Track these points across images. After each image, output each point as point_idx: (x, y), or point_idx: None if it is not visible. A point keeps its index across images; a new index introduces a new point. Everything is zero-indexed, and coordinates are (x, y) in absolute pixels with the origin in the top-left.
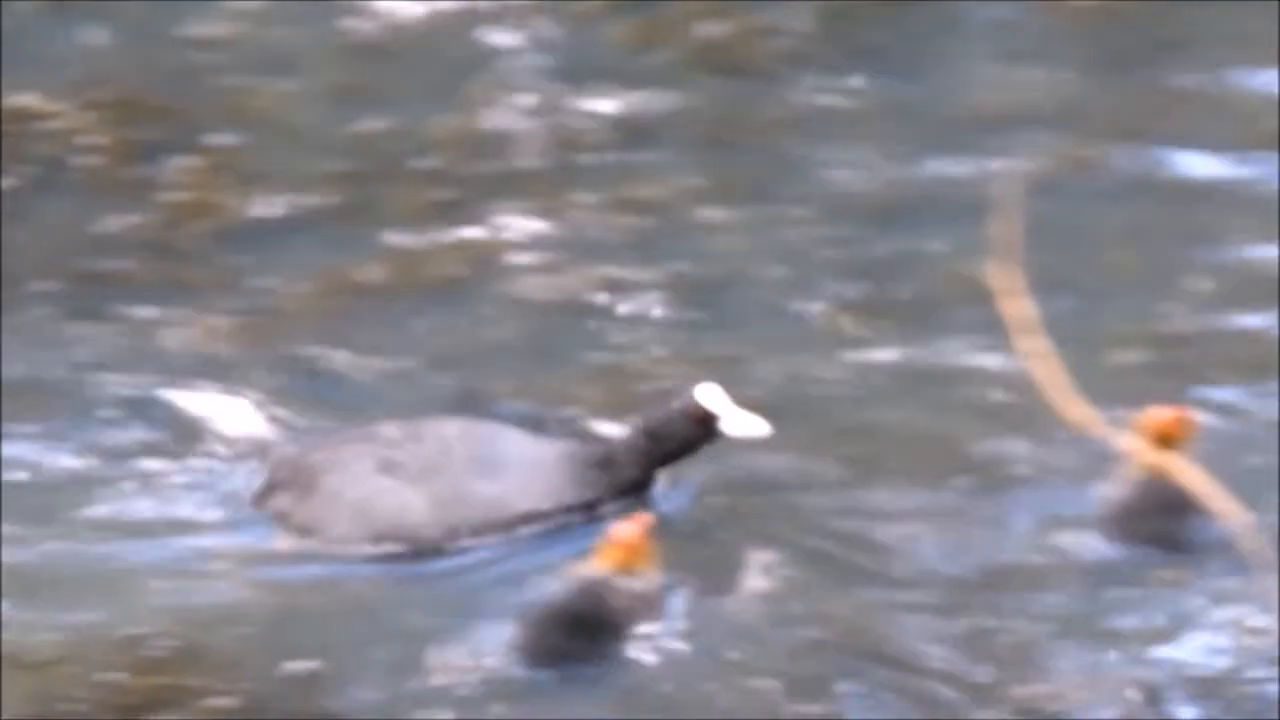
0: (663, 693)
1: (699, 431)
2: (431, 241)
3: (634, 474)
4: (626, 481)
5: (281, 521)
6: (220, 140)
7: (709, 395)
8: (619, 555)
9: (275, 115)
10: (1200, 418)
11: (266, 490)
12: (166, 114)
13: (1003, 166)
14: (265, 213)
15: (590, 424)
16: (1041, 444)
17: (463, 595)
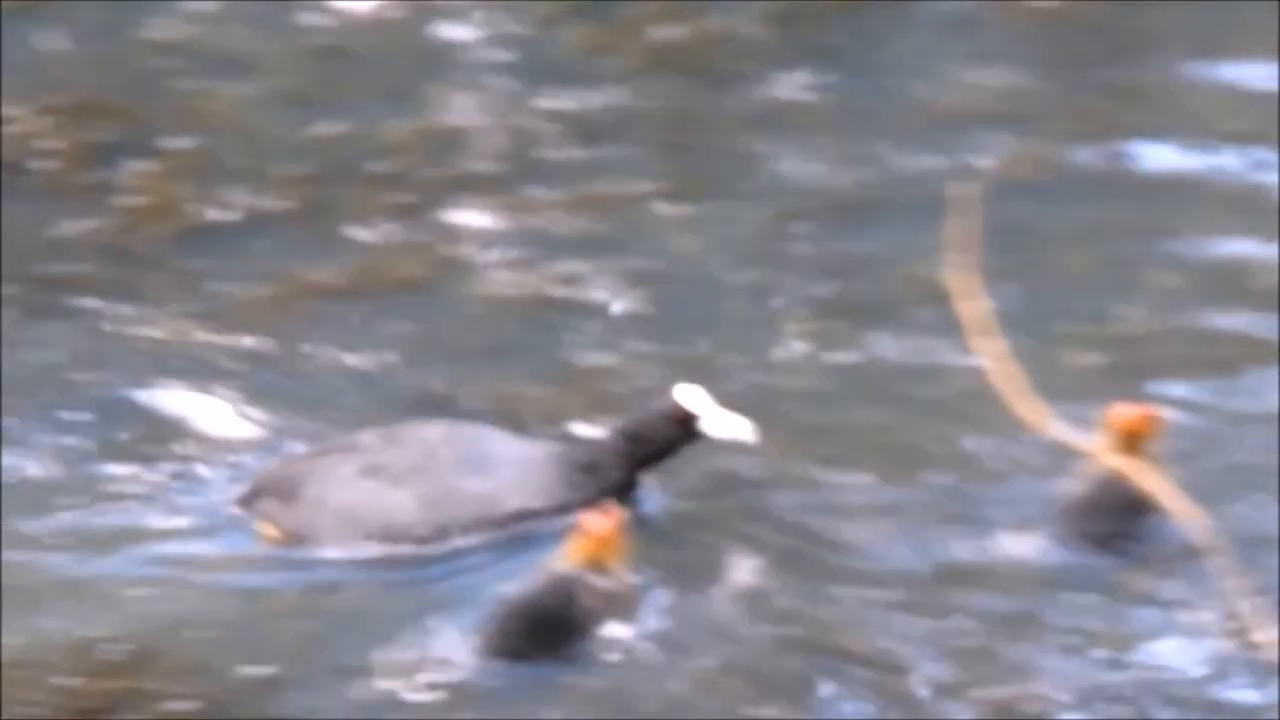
0: (632, 692)
1: (679, 433)
2: (391, 243)
3: (618, 476)
4: (612, 483)
5: (266, 529)
6: (177, 143)
7: (689, 396)
8: (590, 548)
9: (233, 118)
10: (1165, 415)
11: (249, 499)
12: (123, 117)
13: (960, 166)
14: (223, 216)
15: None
16: (1006, 442)
17: (428, 598)
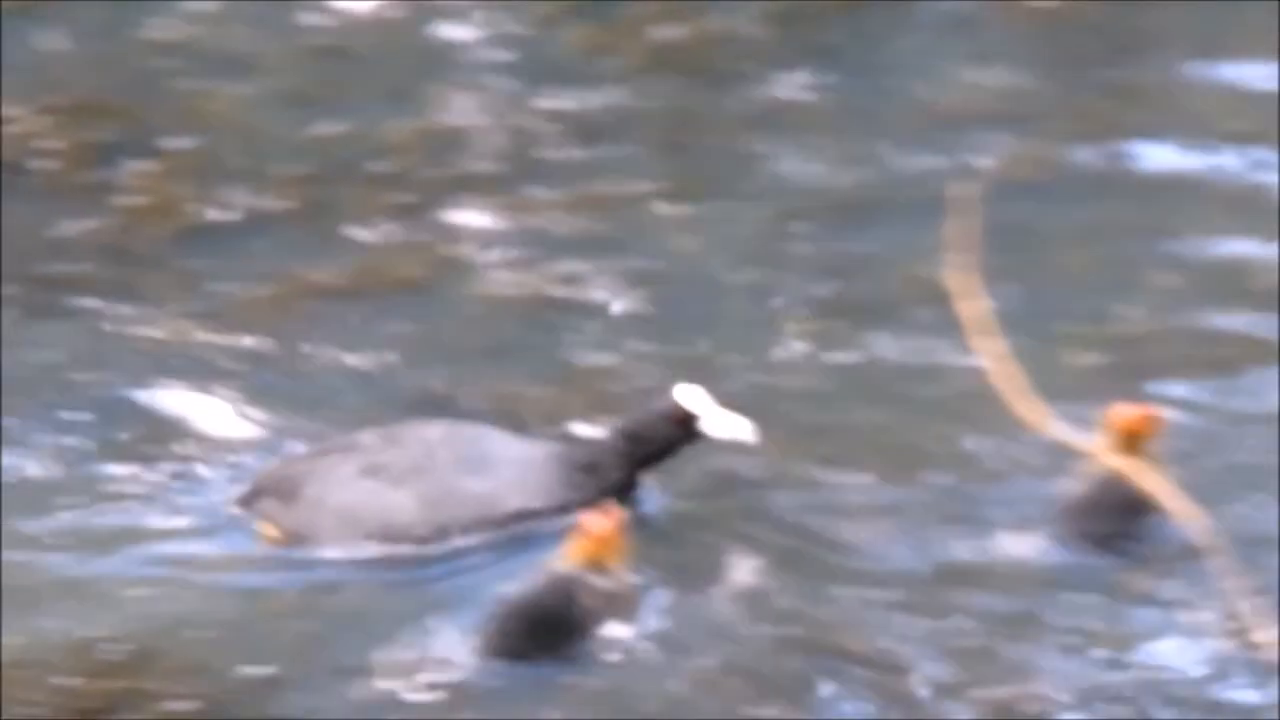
0: (631, 692)
1: (679, 433)
2: (390, 243)
3: (618, 476)
4: (612, 483)
5: (266, 528)
6: (177, 143)
7: (689, 396)
8: (590, 548)
9: (232, 118)
10: (1165, 415)
11: (249, 499)
12: (123, 117)
13: (960, 166)
14: (223, 216)
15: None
16: (1006, 442)
17: (428, 598)
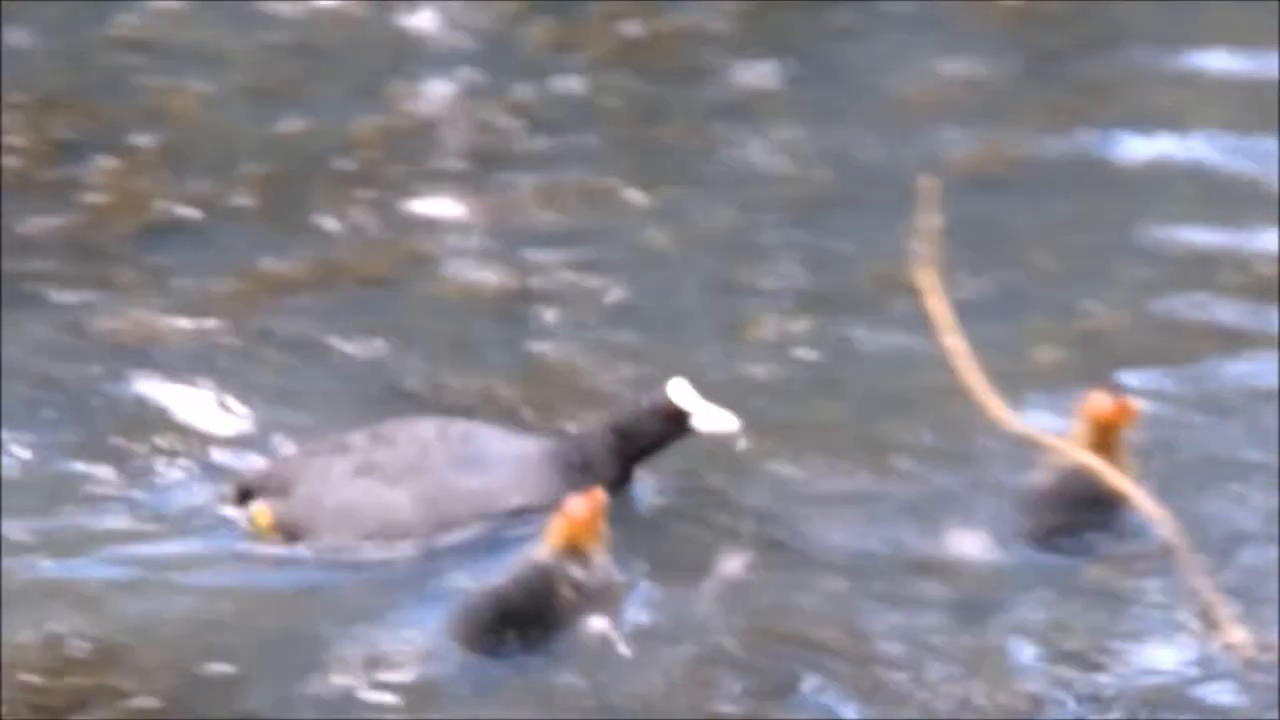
0: (604, 685)
1: (670, 428)
2: (357, 238)
3: (611, 471)
4: (605, 478)
5: (261, 519)
6: (143, 140)
7: (680, 392)
8: (568, 530)
9: (198, 114)
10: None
11: (241, 497)
12: (88, 114)
13: (928, 160)
14: (189, 212)
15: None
16: (978, 435)
17: (402, 595)
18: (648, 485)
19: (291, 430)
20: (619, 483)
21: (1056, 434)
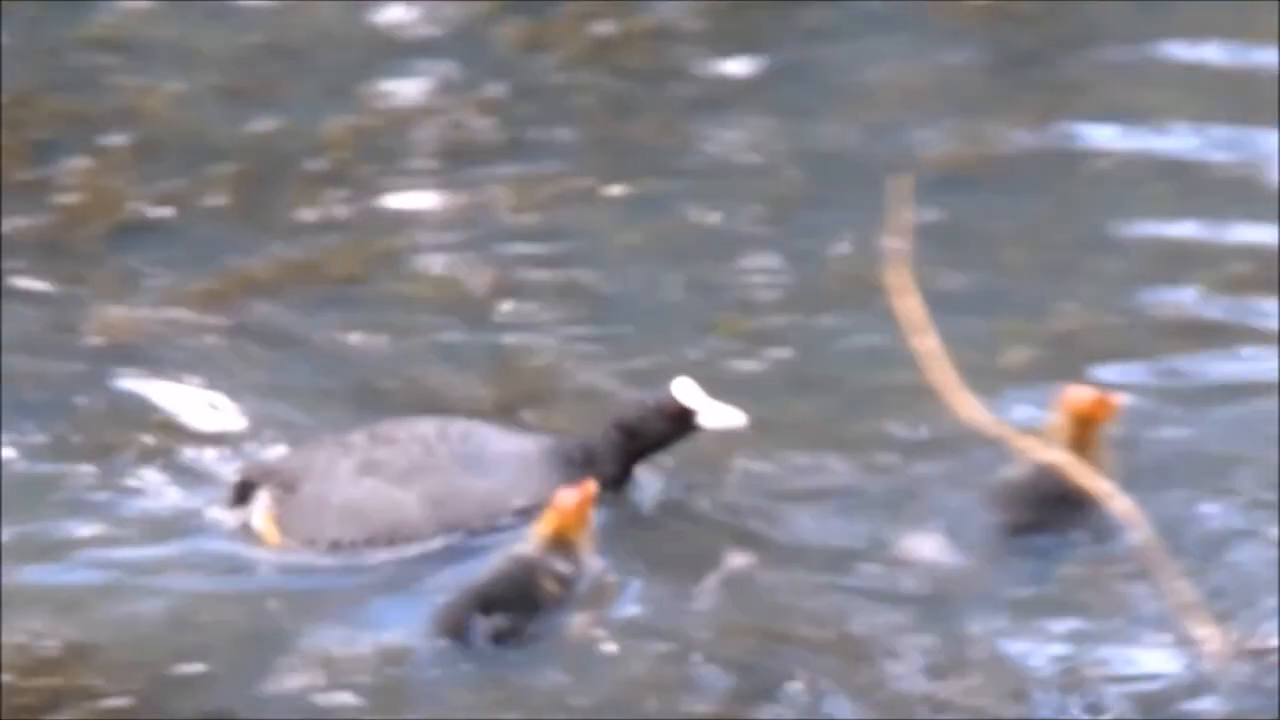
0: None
1: (676, 426)
2: (329, 238)
3: (613, 469)
4: (607, 477)
5: (268, 532)
6: (115, 139)
7: (685, 390)
8: (557, 520)
9: (170, 114)
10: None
11: (239, 499)
12: (60, 115)
13: (900, 159)
14: (161, 211)
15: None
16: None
17: (379, 592)
18: (645, 483)
19: (267, 429)
20: (618, 480)
21: (1033, 429)
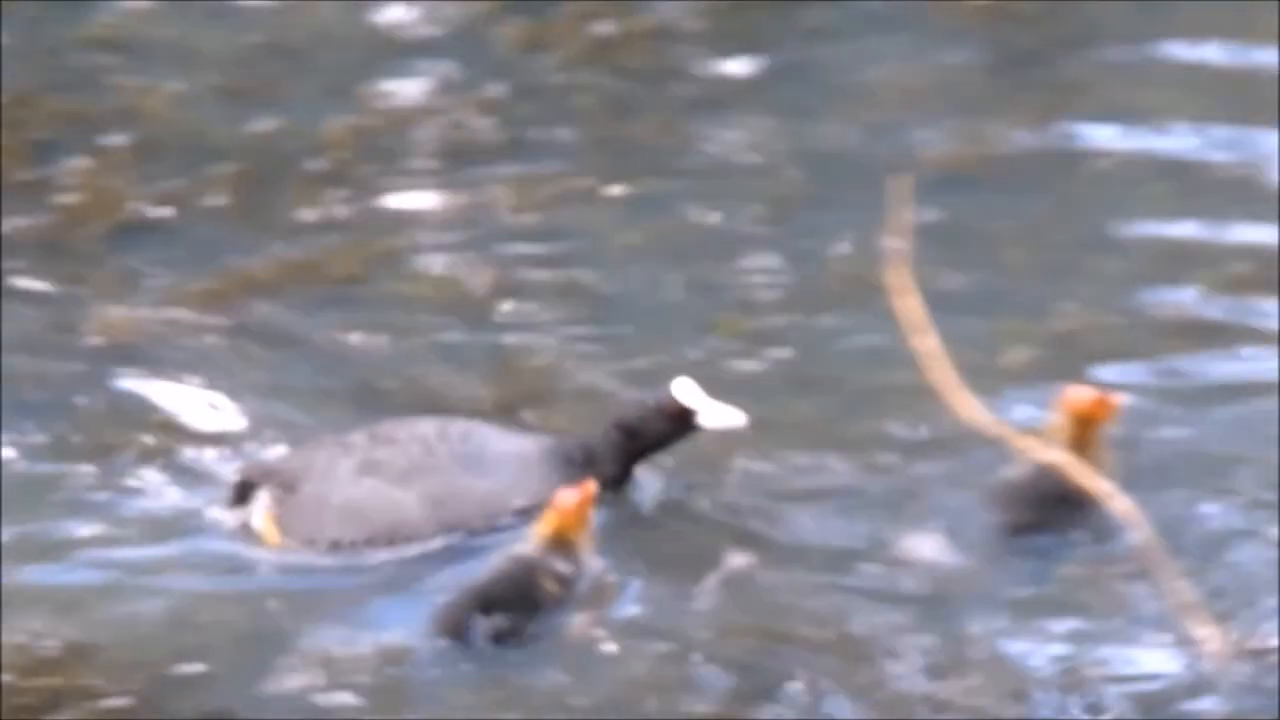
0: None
1: (676, 426)
2: (329, 238)
3: (613, 470)
4: (607, 477)
5: (269, 533)
6: (115, 139)
7: (685, 390)
8: (557, 520)
9: (170, 114)
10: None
11: (239, 499)
12: (60, 115)
13: (900, 159)
14: (161, 212)
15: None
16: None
17: (379, 592)
18: (645, 483)
19: (267, 429)
20: (618, 481)
21: (1033, 429)
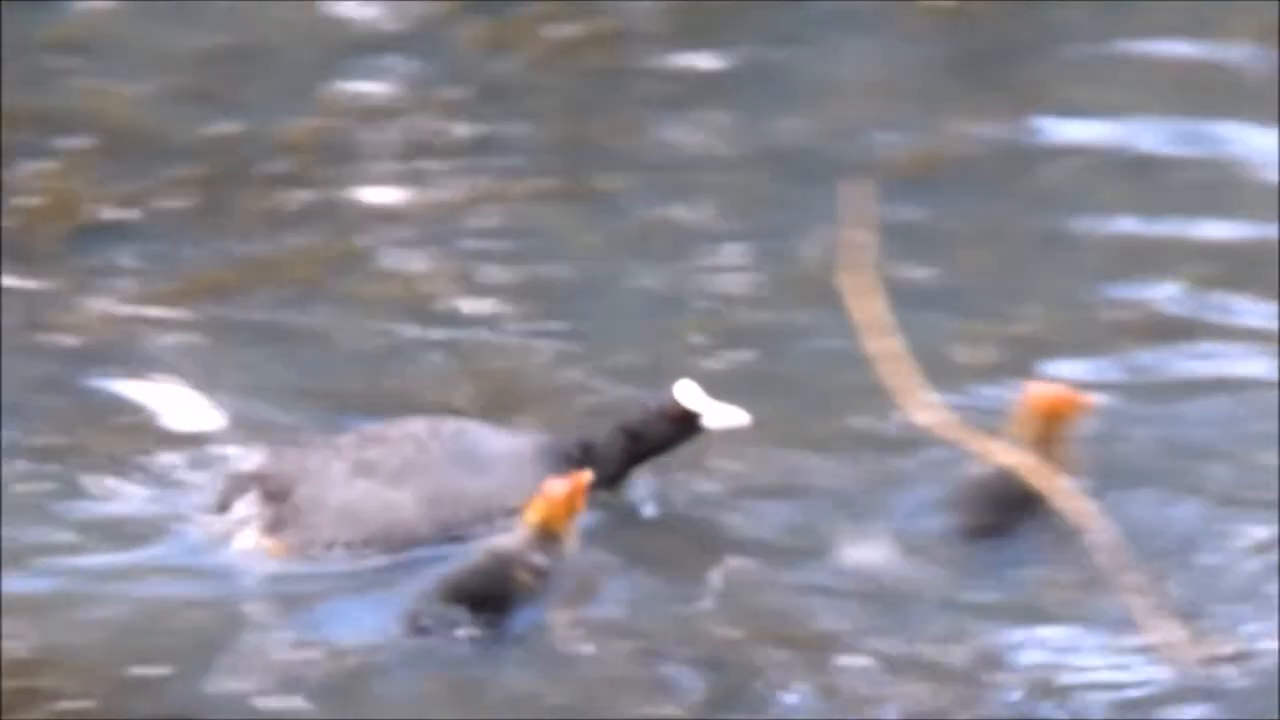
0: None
1: (680, 430)
2: (289, 240)
3: (613, 470)
4: (604, 478)
5: (253, 535)
6: (75, 142)
7: (687, 393)
8: (544, 510)
9: (129, 118)
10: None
11: (226, 504)
12: (20, 117)
13: (861, 160)
14: (123, 214)
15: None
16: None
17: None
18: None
19: (233, 430)
20: (613, 480)
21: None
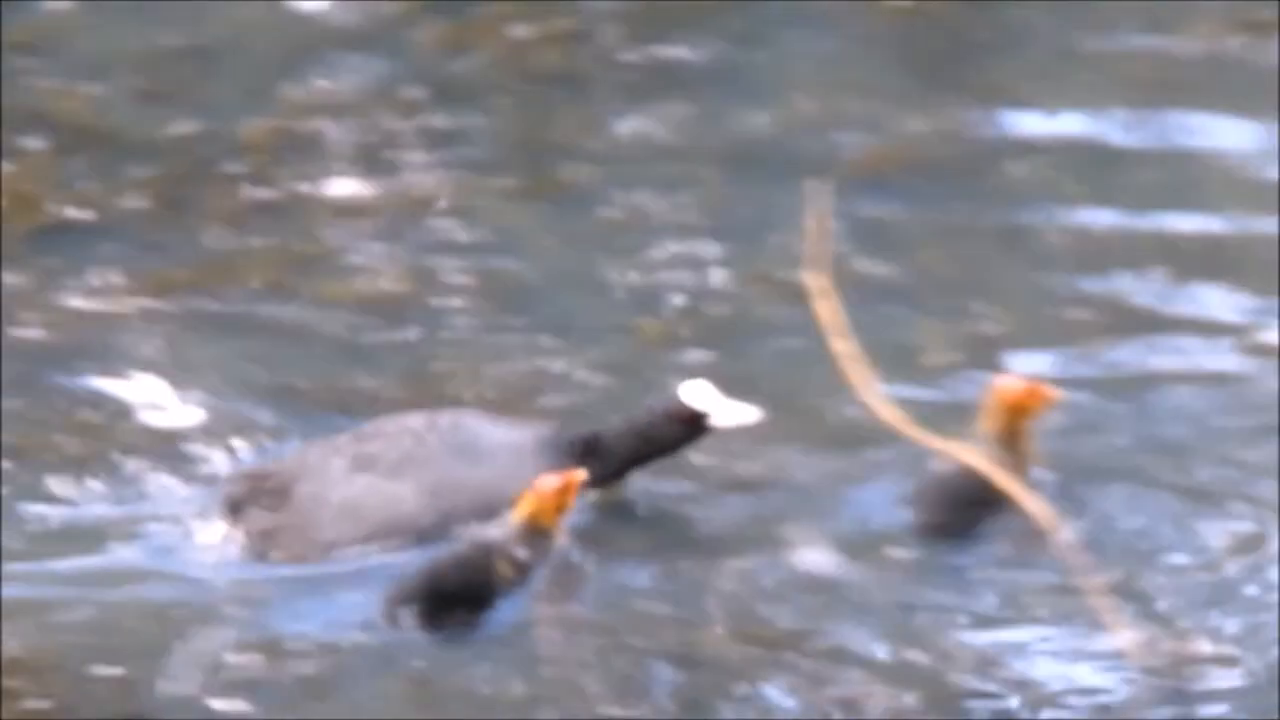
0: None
1: (689, 430)
2: (247, 241)
3: (613, 468)
4: (602, 476)
5: (255, 537)
6: (32, 143)
7: (695, 394)
8: (534, 503)
9: (88, 118)
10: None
11: (230, 508)
12: None
13: (821, 161)
14: (80, 216)
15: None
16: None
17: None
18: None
19: (194, 431)
20: (609, 479)
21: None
